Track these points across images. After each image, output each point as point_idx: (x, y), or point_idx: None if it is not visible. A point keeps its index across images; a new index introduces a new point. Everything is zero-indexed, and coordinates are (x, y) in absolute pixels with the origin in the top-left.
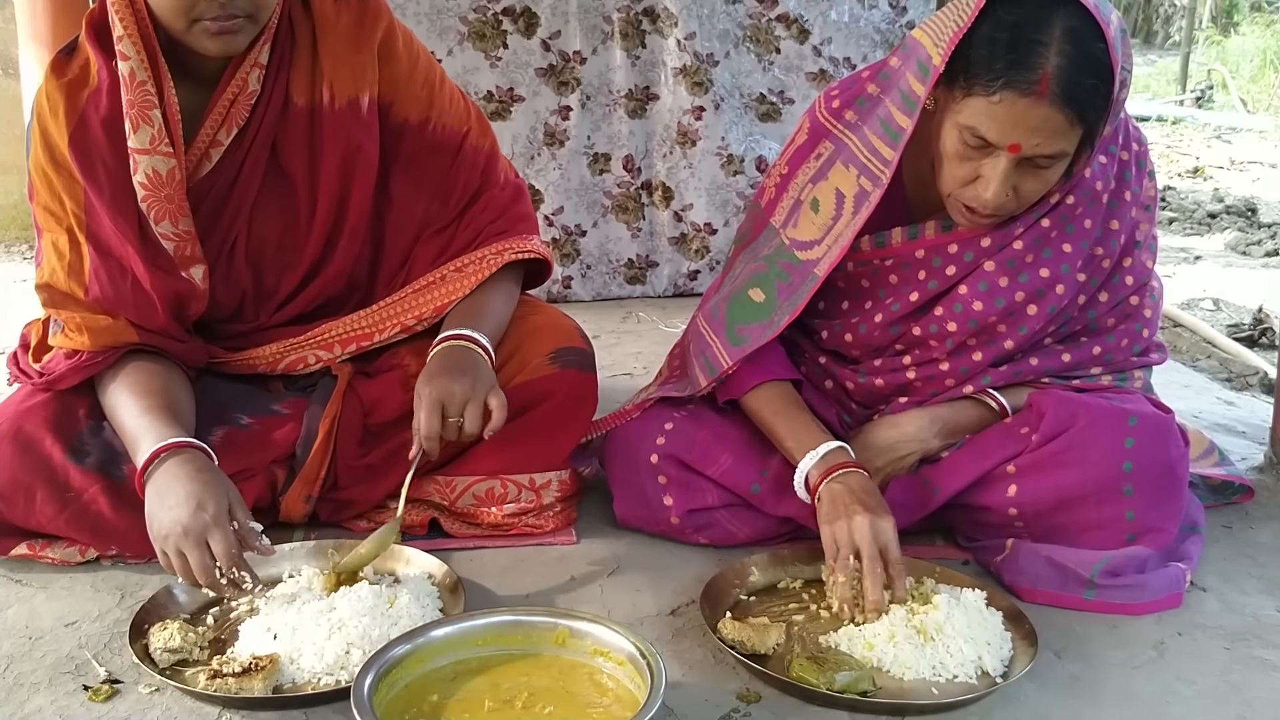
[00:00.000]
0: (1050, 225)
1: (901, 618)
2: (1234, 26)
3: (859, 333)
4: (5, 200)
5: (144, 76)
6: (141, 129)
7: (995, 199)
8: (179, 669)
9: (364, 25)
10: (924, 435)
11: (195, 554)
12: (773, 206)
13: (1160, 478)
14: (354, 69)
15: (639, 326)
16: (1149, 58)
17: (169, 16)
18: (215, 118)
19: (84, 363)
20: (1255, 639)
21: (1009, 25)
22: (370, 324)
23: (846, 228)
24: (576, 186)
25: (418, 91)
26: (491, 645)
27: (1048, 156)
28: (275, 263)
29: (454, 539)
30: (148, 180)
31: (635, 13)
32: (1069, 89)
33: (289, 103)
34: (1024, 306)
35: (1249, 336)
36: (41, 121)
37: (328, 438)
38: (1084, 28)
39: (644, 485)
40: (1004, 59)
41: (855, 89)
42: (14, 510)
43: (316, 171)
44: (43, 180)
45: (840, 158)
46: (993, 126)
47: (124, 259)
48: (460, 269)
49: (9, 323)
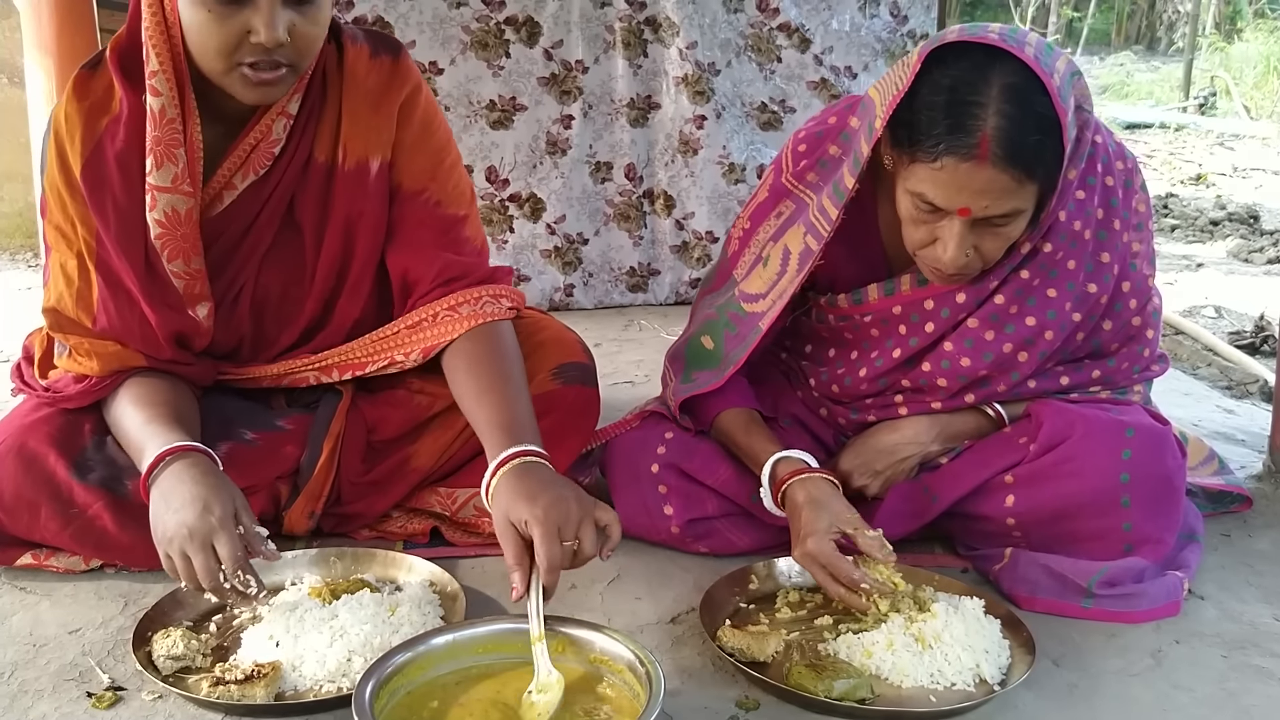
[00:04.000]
0: (1031, 275)
1: (900, 625)
2: (1237, 33)
3: (845, 384)
4: (10, 208)
5: (174, 114)
6: (165, 167)
7: (953, 262)
8: (182, 676)
9: (389, 87)
10: (923, 439)
11: (200, 557)
12: (736, 259)
13: (1157, 489)
14: (369, 130)
15: (640, 334)
16: (1152, 64)
17: (208, 58)
18: (234, 161)
19: (93, 387)
20: (1253, 647)
21: (945, 88)
22: (364, 354)
23: (790, 284)
24: (578, 195)
25: (420, 161)
26: (492, 653)
27: (1002, 216)
28: (277, 314)
29: (455, 547)
30: (165, 218)
31: (637, 22)
32: (1011, 149)
33: (311, 159)
34: (1014, 356)
35: (1250, 344)
36: (59, 141)
37: (331, 455)
38: (1023, 83)
39: (644, 495)
40: (942, 124)
41: (820, 149)
42: (18, 524)
43: (324, 230)
44: (56, 200)
45: (799, 219)
46: (939, 193)
47: (130, 293)
48: (453, 308)
49: (13, 330)
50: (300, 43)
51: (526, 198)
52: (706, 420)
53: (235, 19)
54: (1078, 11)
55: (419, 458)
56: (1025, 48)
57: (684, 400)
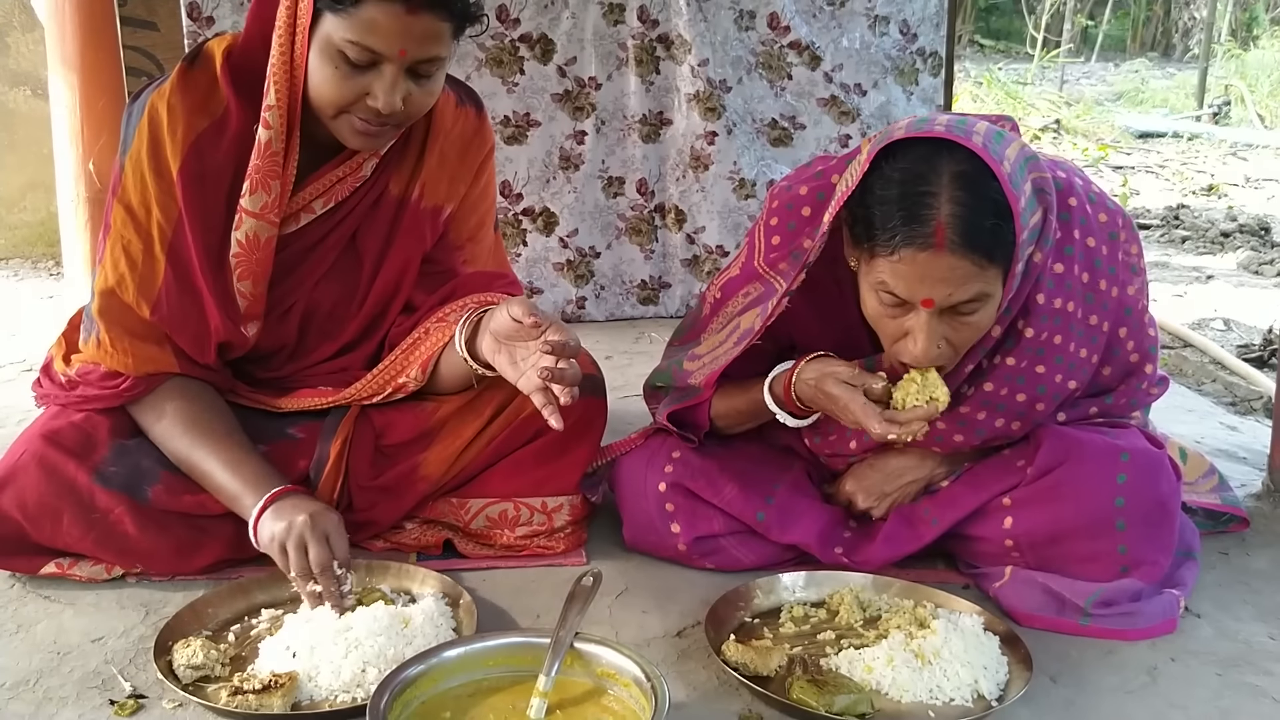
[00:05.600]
0: (1018, 359)
1: (900, 642)
2: (1254, 40)
3: (837, 450)
4: (33, 217)
5: (278, 148)
6: (259, 194)
7: (925, 355)
8: (201, 685)
9: (474, 143)
10: (929, 462)
11: (315, 548)
12: (706, 323)
13: (1152, 512)
14: (452, 181)
15: (651, 347)
16: (1167, 71)
17: (324, 105)
18: (318, 187)
19: (122, 390)
20: (1247, 665)
21: (896, 181)
22: (372, 391)
23: (725, 355)
24: (591, 209)
25: (472, 221)
26: (502, 666)
27: (968, 303)
28: (322, 328)
29: (468, 559)
30: (246, 240)
31: (650, 40)
32: (967, 234)
33: (386, 192)
34: (1007, 428)
35: (1259, 357)
36: (155, 127)
37: (339, 460)
38: (973, 170)
39: (651, 513)
40: (896, 215)
41: (794, 241)
42: (41, 532)
43: (383, 258)
44: (137, 181)
45: (762, 302)
46: (900, 284)
47: (198, 291)
48: (442, 317)
49: (36, 338)
50: (412, 107)
51: (540, 212)
52: (703, 419)
53: (359, 79)
54: (1092, 19)
55: (428, 465)
56: (974, 136)
57: (672, 415)
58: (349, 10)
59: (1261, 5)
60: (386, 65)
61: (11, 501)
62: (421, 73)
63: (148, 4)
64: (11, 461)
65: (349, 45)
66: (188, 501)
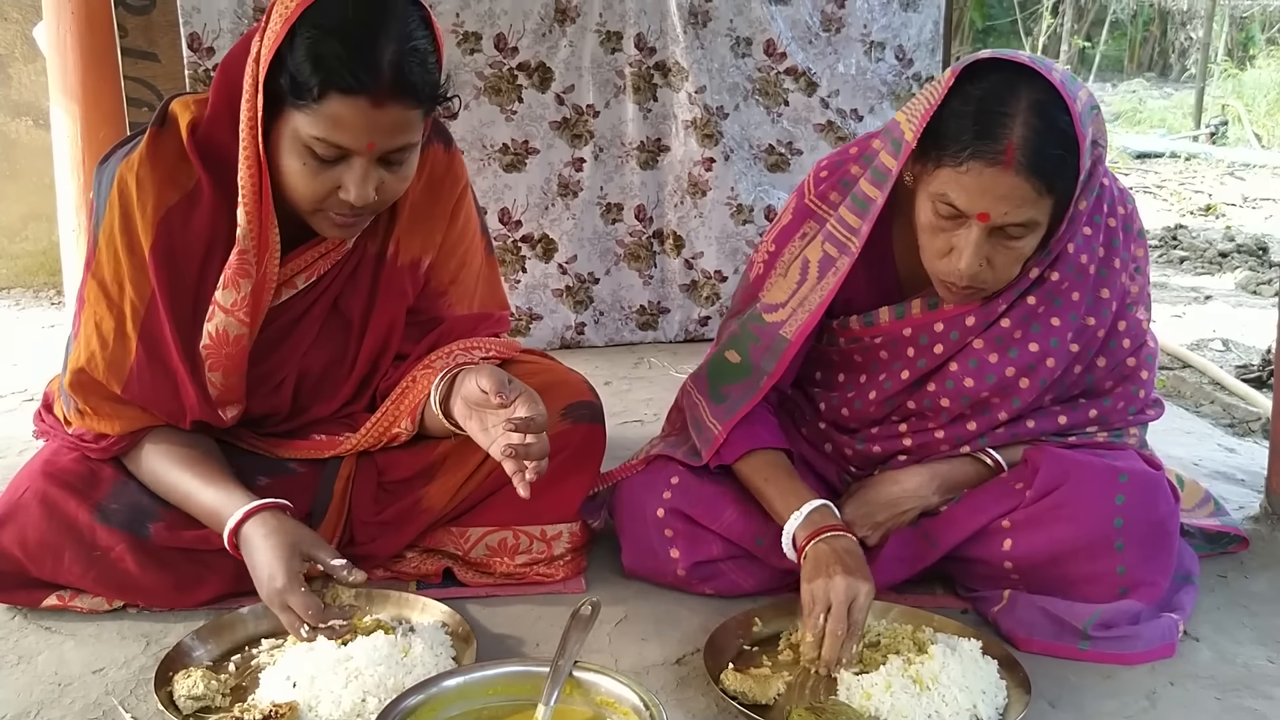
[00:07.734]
0: (1037, 302)
1: (898, 667)
2: (1250, 60)
3: (854, 407)
4: (34, 247)
5: (248, 245)
6: (229, 290)
7: (969, 268)
8: (202, 715)
9: (446, 185)
10: (924, 491)
11: (285, 616)
12: (761, 281)
13: (1150, 533)
14: (427, 232)
15: (650, 372)
16: (1165, 91)
17: (296, 198)
18: (300, 263)
19: (113, 445)
20: (1246, 689)
21: (975, 99)
22: (367, 444)
23: (812, 292)
24: (589, 235)
25: (451, 265)
26: (502, 694)
27: (1018, 225)
28: (315, 391)
29: (467, 588)
30: (215, 334)
31: (647, 67)
32: (1034, 158)
33: (364, 253)
34: (1015, 381)
35: (1257, 378)
36: (125, 201)
37: (343, 497)
38: (1049, 101)
39: (651, 538)
40: (971, 130)
41: (842, 170)
42: (42, 569)
43: (369, 319)
44: (110, 257)
45: (821, 235)
46: (961, 195)
47: (172, 371)
48: (428, 364)
49: (37, 368)
50: (385, 194)
51: (539, 238)
52: (733, 455)
53: (329, 173)
54: (1089, 40)
55: (430, 498)
56: (1053, 71)
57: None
58: (312, 106)
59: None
60: (356, 159)
61: (12, 539)
62: (394, 160)
63: (148, 35)
64: (13, 498)
65: (315, 142)
66: (189, 537)
